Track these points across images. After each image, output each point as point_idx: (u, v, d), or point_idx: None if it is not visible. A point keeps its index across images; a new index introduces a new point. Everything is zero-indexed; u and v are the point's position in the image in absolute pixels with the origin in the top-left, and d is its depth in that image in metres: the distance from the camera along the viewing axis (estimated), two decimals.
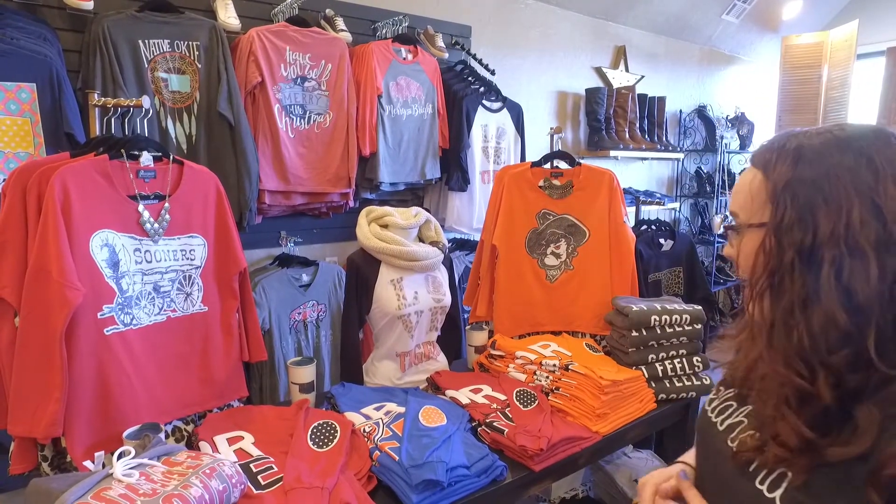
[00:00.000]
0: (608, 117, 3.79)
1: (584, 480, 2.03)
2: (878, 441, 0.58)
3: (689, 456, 0.90)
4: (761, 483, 0.66)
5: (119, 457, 0.96)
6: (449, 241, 2.97)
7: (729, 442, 0.74)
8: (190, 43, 2.06)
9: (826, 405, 0.62)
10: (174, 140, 2.07)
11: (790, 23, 4.96)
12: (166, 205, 1.34)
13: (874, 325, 0.60)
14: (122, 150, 1.27)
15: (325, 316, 2.49)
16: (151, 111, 1.97)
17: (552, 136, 2.39)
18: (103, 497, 0.87)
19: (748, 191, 0.71)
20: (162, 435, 1.15)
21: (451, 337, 1.99)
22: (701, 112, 4.73)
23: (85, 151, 1.27)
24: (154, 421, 1.22)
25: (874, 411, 0.59)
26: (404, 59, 2.60)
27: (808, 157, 0.65)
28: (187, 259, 1.39)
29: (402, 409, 1.42)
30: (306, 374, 1.53)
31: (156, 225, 1.32)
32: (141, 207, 1.29)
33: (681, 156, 4.54)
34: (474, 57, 3.01)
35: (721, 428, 0.77)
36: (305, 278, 2.44)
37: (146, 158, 1.31)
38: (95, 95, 1.37)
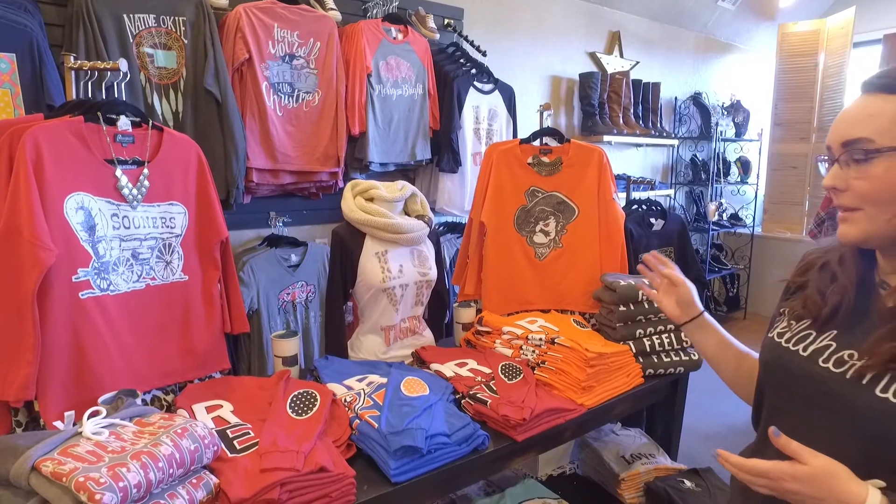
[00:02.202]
0: (602, 102, 3.76)
1: (572, 458, 2.02)
2: None
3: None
4: (883, 392, 0.72)
5: (90, 417, 0.95)
6: (440, 224, 2.95)
7: (821, 363, 0.81)
8: (176, 18, 2.03)
9: None
10: (161, 116, 2.04)
11: (786, 10, 4.93)
12: (145, 171, 1.32)
13: None
14: (99, 114, 1.24)
15: (315, 297, 2.47)
16: (133, 80, 1.93)
17: (541, 113, 2.36)
18: (70, 453, 0.85)
19: (890, 117, 0.74)
20: (138, 400, 1.13)
21: (438, 316, 1.98)
22: (696, 99, 4.70)
23: (60, 114, 1.25)
24: (132, 388, 1.21)
25: None
26: (394, 38, 2.58)
27: None
28: (167, 227, 1.37)
29: (384, 380, 1.40)
30: (290, 347, 1.51)
31: (134, 191, 1.30)
32: (118, 172, 1.27)
33: (675, 142, 4.51)
34: (466, 39, 2.98)
35: (805, 354, 0.83)
36: (294, 259, 2.42)
37: (124, 123, 1.29)
38: (71, 58, 1.34)
